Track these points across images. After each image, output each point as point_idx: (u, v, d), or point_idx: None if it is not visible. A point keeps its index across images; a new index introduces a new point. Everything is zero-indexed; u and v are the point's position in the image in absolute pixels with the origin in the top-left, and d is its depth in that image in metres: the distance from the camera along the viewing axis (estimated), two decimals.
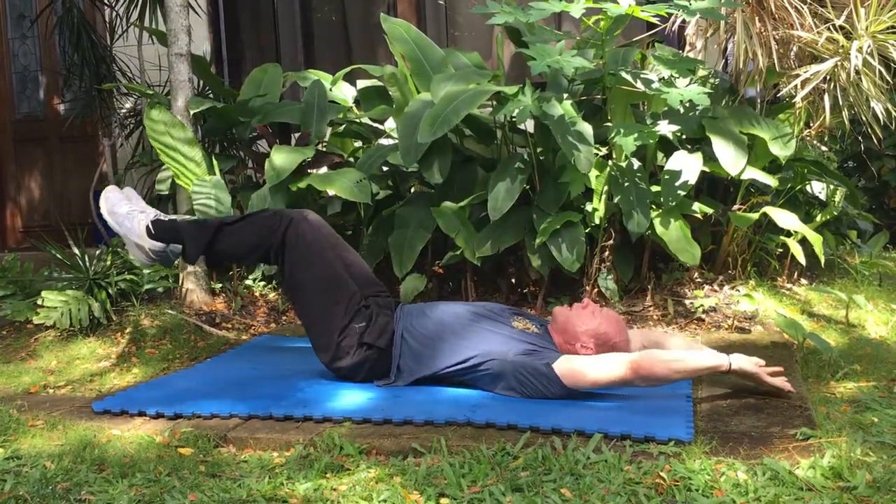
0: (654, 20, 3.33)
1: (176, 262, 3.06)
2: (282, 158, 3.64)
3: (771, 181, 3.44)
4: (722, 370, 2.42)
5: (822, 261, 3.47)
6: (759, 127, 3.53)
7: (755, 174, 3.45)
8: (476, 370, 2.57)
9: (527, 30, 3.58)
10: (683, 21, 3.77)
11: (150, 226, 2.82)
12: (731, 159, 3.36)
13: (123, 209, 2.86)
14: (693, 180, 3.39)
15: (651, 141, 3.30)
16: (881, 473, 1.89)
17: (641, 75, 3.41)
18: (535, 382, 2.48)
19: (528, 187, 3.58)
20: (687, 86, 3.26)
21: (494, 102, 3.51)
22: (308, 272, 2.75)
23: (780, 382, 2.45)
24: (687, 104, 3.50)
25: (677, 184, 3.39)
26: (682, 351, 2.52)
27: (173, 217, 2.93)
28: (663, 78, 3.41)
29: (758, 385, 2.47)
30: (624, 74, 3.40)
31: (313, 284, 2.74)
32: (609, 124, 3.38)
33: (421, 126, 3.31)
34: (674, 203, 3.38)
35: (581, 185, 3.40)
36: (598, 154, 3.38)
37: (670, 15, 3.56)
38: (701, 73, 3.74)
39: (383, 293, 2.85)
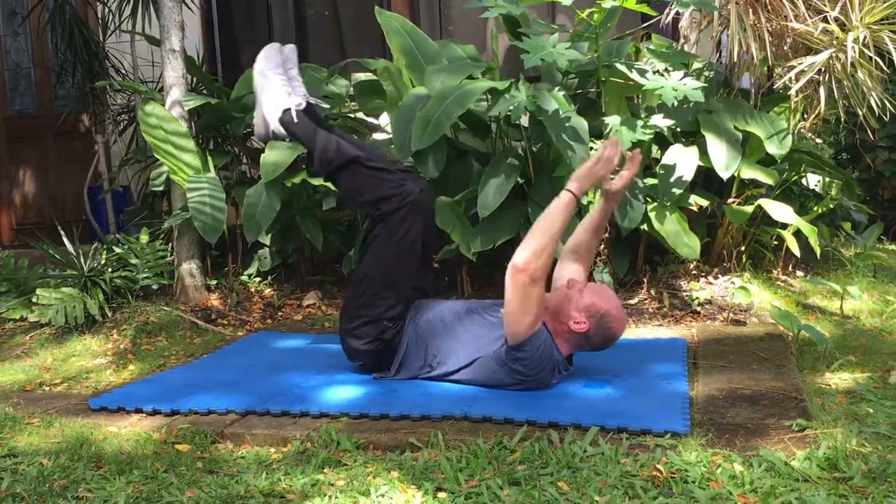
0: (649, 9, 3.32)
1: (172, 256, 3.01)
2: (276, 154, 3.63)
3: (769, 179, 3.44)
4: (566, 200, 2.46)
5: (818, 252, 3.48)
6: (753, 123, 3.53)
7: (751, 174, 3.45)
8: (464, 373, 2.59)
9: (521, 21, 3.57)
10: (677, 13, 3.77)
11: (293, 111, 2.75)
12: (724, 160, 3.36)
13: (275, 77, 2.78)
14: (689, 176, 3.39)
15: (646, 138, 3.30)
16: (876, 464, 1.89)
17: (636, 66, 3.41)
18: (514, 365, 2.47)
19: (523, 181, 3.57)
20: (681, 79, 3.26)
21: (489, 97, 3.51)
22: (387, 254, 2.71)
23: (601, 148, 2.50)
24: (681, 99, 3.50)
25: (673, 179, 3.40)
26: (535, 223, 2.51)
27: (312, 101, 2.82)
28: (658, 71, 3.41)
29: (608, 168, 2.52)
30: (619, 66, 3.40)
31: (383, 266, 2.71)
32: (604, 118, 3.38)
33: (414, 131, 3.30)
34: (671, 198, 3.37)
35: None
36: (593, 148, 3.37)
37: (665, 5, 3.56)
38: (695, 65, 3.74)
39: (422, 294, 2.83)
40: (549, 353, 2.49)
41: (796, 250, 3.45)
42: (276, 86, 2.77)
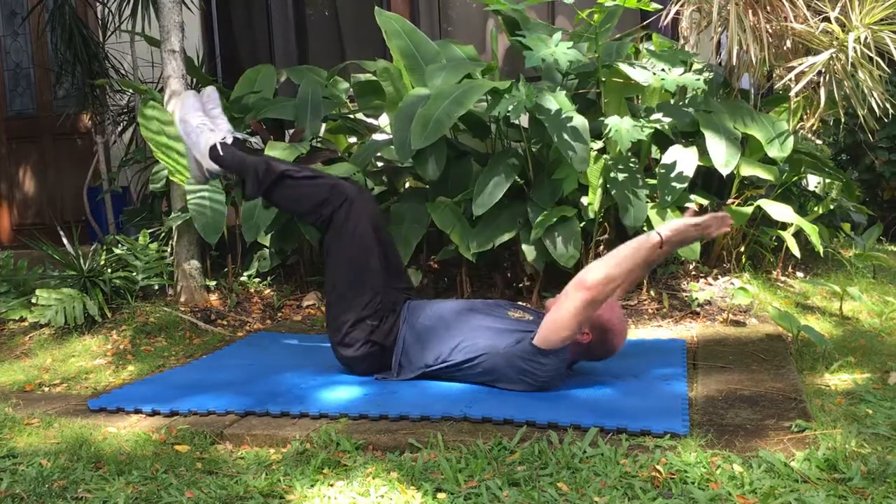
0: (650, 5, 3.32)
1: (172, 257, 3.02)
2: (277, 155, 3.63)
3: (769, 175, 3.44)
4: (654, 243, 2.41)
5: (821, 251, 3.48)
6: (753, 125, 3.53)
7: (751, 171, 3.45)
8: (471, 365, 2.57)
9: (520, 20, 3.57)
10: (677, 14, 3.77)
11: (218, 146, 2.79)
12: (723, 156, 3.36)
13: (195, 120, 2.83)
14: (689, 175, 3.39)
15: (645, 137, 3.30)
16: (876, 465, 1.89)
17: (637, 64, 3.41)
18: (528, 364, 2.47)
19: (522, 182, 3.58)
20: (681, 74, 3.26)
21: (489, 98, 3.51)
22: (345, 255, 2.74)
23: (710, 218, 2.44)
24: (680, 96, 3.50)
25: (673, 178, 3.40)
26: (615, 249, 2.48)
27: (239, 136, 2.86)
28: (656, 73, 3.41)
29: (702, 235, 2.48)
30: (619, 64, 3.40)
31: (346, 268, 2.74)
32: (604, 119, 3.38)
33: (413, 129, 3.30)
34: (671, 198, 3.38)
35: (575, 181, 3.40)
36: (592, 148, 3.37)
37: (665, 4, 3.56)
38: (695, 66, 3.74)
39: (405, 288, 2.85)
40: (564, 366, 2.52)
41: (796, 251, 3.45)
42: (199, 127, 2.83)
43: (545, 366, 2.47)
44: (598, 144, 3.49)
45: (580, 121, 3.27)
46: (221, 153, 2.78)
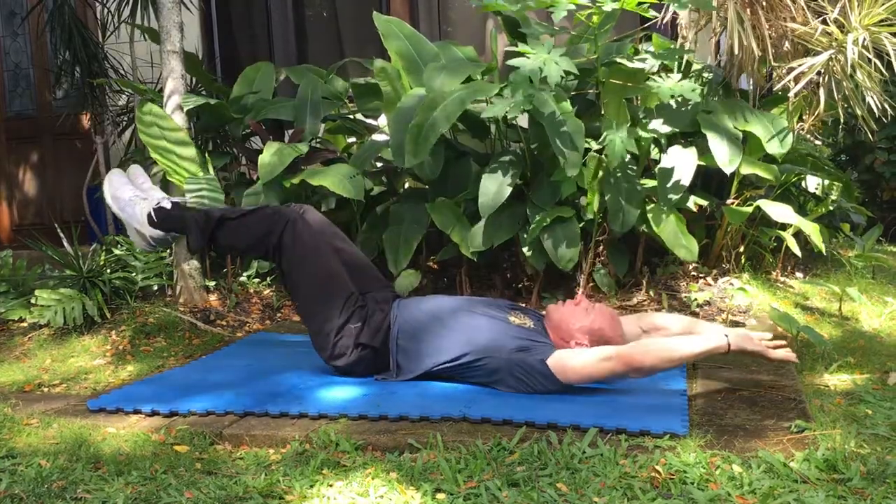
0: (648, 11, 3.32)
1: (171, 257, 3.05)
2: (275, 155, 3.63)
3: (768, 174, 3.44)
4: (720, 352, 2.42)
5: (823, 249, 3.48)
6: (753, 123, 3.53)
7: (751, 170, 3.45)
8: (471, 366, 2.57)
9: (520, 19, 3.57)
10: (676, 14, 3.77)
11: (153, 213, 2.86)
12: (726, 155, 3.36)
13: (126, 194, 2.89)
14: (689, 178, 3.39)
15: (643, 139, 3.30)
16: (875, 465, 1.89)
17: (636, 59, 3.41)
18: (529, 378, 2.48)
19: (521, 182, 3.57)
20: (679, 80, 3.26)
21: (489, 102, 3.50)
22: (304, 273, 2.75)
23: (784, 354, 2.45)
24: (679, 98, 3.50)
25: (672, 181, 3.39)
26: (674, 339, 2.51)
27: (176, 200, 2.94)
28: (656, 73, 3.41)
29: (762, 359, 2.48)
30: (619, 59, 3.40)
31: (309, 285, 2.75)
32: (602, 125, 3.37)
33: (406, 145, 3.28)
34: (671, 202, 3.37)
35: (573, 183, 3.39)
36: (590, 149, 3.37)
37: (664, 5, 3.56)
38: (695, 66, 3.74)
39: (383, 287, 2.85)
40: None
41: (797, 250, 3.45)
42: (131, 200, 2.91)
43: (549, 388, 2.47)
44: (597, 145, 3.49)
45: (574, 125, 3.25)
46: (156, 219, 2.88)
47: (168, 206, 2.89)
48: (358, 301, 2.73)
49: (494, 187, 3.39)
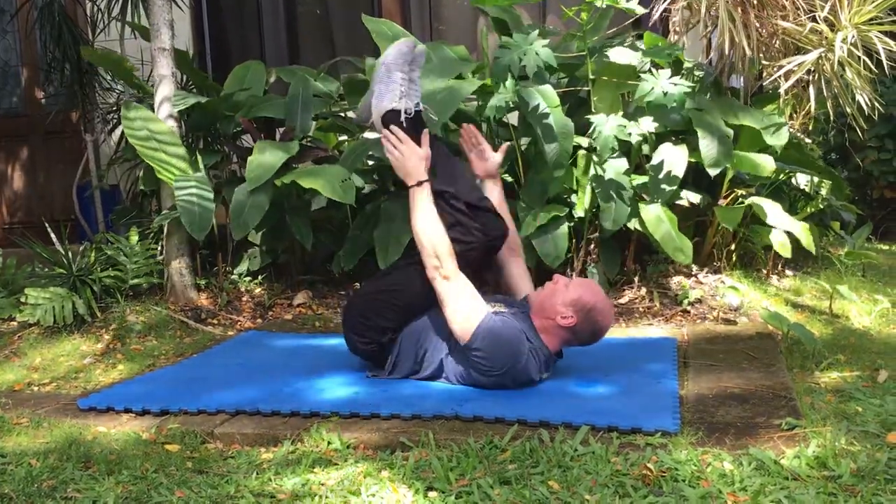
0: (634, 8, 3.33)
1: (162, 255, 2.99)
2: (265, 154, 3.62)
3: (769, 163, 3.43)
4: (412, 184, 2.57)
5: (814, 250, 3.49)
6: (745, 117, 3.53)
7: (747, 161, 3.45)
8: (443, 373, 2.60)
9: (509, 20, 3.57)
10: (666, 11, 3.78)
11: (401, 116, 2.68)
12: (713, 156, 3.35)
13: (397, 75, 2.71)
14: (680, 175, 3.39)
15: (631, 140, 3.30)
16: (865, 462, 1.90)
17: (626, 54, 3.42)
18: (467, 362, 2.50)
19: (512, 180, 3.58)
20: (670, 78, 3.27)
21: (480, 102, 3.50)
22: (426, 284, 2.59)
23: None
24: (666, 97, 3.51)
25: (664, 177, 3.40)
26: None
27: (421, 109, 2.74)
28: (647, 70, 3.41)
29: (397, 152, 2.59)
30: (607, 51, 3.41)
31: (415, 292, 2.64)
32: (589, 117, 3.37)
33: None
34: (664, 193, 3.38)
35: (560, 183, 3.39)
36: (579, 146, 3.37)
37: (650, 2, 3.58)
38: (686, 65, 3.75)
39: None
40: (515, 347, 2.48)
41: (786, 253, 3.46)
42: (395, 83, 2.71)
43: (474, 350, 2.46)
44: (587, 142, 3.49)
45: (557, 118, 3.24)
46: (395, 124, 2.68)
47: (413, 114, 2.69)
48: (407, 322, 2.69)
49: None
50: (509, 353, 2.47)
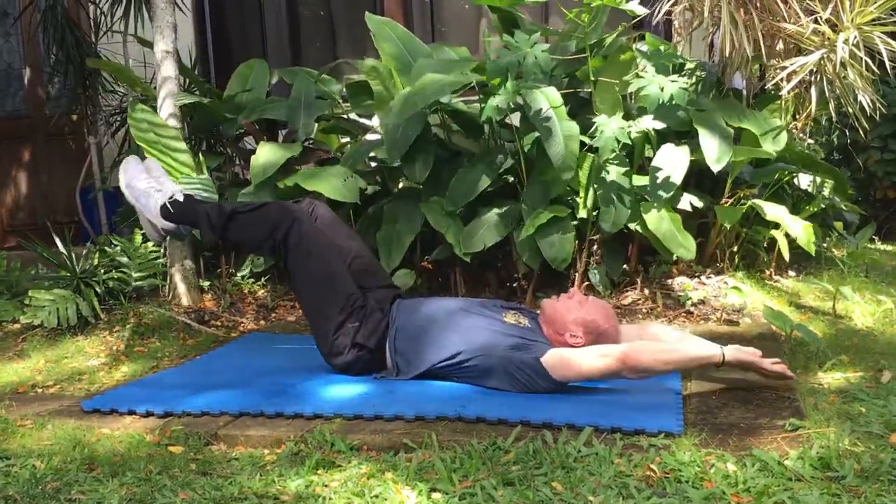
0: (634, 9, 3.33)
1: (165, 257, 3.04)
2: (268, 156, 3.62)
3: (770, 150, 3.42)
4: (714, 362, 2.43)
5: (813, 251, 3.49)
6: (746, 120, 3.53)
7: (749, 157, 3.45)
8: (465, 366, 2.57)
9: (510, 20, 3.57)
10: (668, 13, 3.78)
11: (167, 205, 2.87)
12: (715, 153, 3.35)
13: (142, 185, 2.91)
14: (680, 176, 3.39)
15: (630, 140, 3.30)
16: (869, 463, 1.90)
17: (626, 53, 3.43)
18: (524, 377, 2.48)
19: (514, 181, 3.57)
20: (670, 76, 3.26)
21: (483, 104, 3.50)
22: (308, 270, 2.77)
23: (781, 368, 2.47)
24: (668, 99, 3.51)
25: (665, 178, 3.39)
26: (672, 342, 2.53)
27: (190, 193, 2.96)
28: (645, 71, 3.41)
29: (758, 373, 2.48)
30: (609, 54, 3.41)
31: (311, 283, 2.77)
32: (592, 118, 3.37)
33: (393, 106, 3.31)
34: (661, 199, 3.37)
35: (562, 183, 3.39)
36: (584, 146, 3.37)
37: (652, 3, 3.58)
38: (688, 65, 3.75)
39: (386, 286, 2.87)
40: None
41: (786, 254, 3.46)
42: (146, 191, 2.93)
43: (544, 387, 2.47)
44: (589, 141, 3.49)
45: (562, 121, 3.25)
46: (172, 211, 2.89)
47: (181, 198, 2.90)
48: (358, 300, 2.73)
49: (466, 182, 3.43)
50: (546, 391, 2.50)
